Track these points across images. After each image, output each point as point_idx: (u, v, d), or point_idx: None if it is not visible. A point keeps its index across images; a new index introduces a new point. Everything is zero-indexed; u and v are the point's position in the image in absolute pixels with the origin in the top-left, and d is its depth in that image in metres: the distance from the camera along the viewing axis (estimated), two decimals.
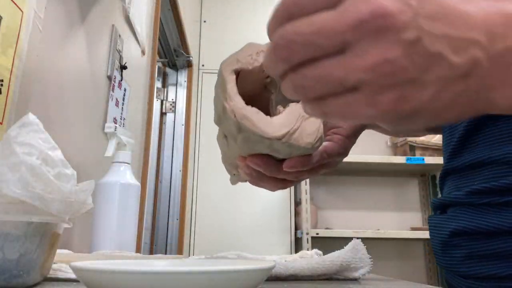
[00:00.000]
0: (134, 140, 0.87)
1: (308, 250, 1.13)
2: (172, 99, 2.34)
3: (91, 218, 0.75)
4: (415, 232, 2.26)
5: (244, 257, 0.53)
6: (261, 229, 2.25)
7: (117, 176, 0.77)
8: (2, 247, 0.33)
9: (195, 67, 2.47)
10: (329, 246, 2.38)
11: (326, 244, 2.29)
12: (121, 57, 1.13)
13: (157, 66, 1.74)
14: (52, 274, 0.40)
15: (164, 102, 2.32)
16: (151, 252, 2.03)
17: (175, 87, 2.37)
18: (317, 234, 2.15)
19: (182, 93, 2.36)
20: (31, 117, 0.39)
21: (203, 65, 2.53)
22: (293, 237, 2.25)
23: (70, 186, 0.38)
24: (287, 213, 2.28)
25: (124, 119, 1.17)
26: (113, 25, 1.08)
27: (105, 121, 1.03)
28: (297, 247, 2.27)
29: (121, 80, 1.13)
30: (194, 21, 2.51)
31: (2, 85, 0.60)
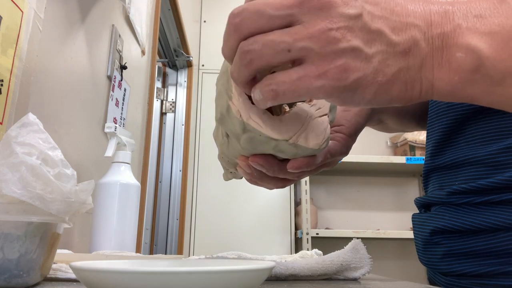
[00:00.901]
0: (134, 140, 0.87)
1: (308, 250, 1.13)
2: (172, 99, 2.34)
3: (91, 218, 0.75)
4: (413, 232, 2.25)
5: (244, 257, 0.53)
6: (261, 229, 2.25)
7: (117, 176, 0.77)
8: (2, 247, 0.33)
9: (195, 67, 2.47)
10: (329, 246, 2.38)
11: (326, 244, 2.30)
12: (121, 57, 1.13)
13: (157, 66, 1.74)
14: (52, 274, 0.40)
15: (164, 102, 2.32)
16: (151, 252, 2.03)
17: (175, 87, 2.37)
18: (317, 234, 2.15)
19: (182, 93, 2.36)
20: (31, 117, 0.39)
21: (203, 65, 2.53)
22: (293, 237, 2.25)
23: (70, 186, 0.38)
24: (287, 213, 2.28)
25: (124, 119, 1.17)
26: (113, 25, 1.08)
27: (105, 121, 1.03)
28: (297, 247, 2.27)
29: (121, 80, 1.13)
30: (194, 21, 2.51)
31: (2, 85, 0.60)
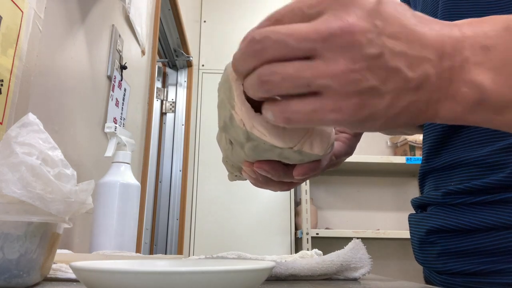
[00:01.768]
0: (134, 140, 0.87)
1: (308, 250, 1.13)
2: (172, 99, 2.34)
3: (91, 218, 0.75)
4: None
5: (244, 257, 0.53)
6: (261, 229, 2.25)
7: (117, 176, 0.77)
8: (2, 247, 0.33)
9: (195, 67, 2.47)
10: (329, 246, 2.38)
11: (326, 244, 2.29)
12: (121, 57, 1.13)
13: (157, 66, 1.74)
14: (52, 274, 0.40)
15: (164, 102, 2.32)
16: (151, 252, 2.03)
17: (175, 87, 2.37)
18: (317, 234, 2.15)
19: (182, 93, 2.36)
20: (31, 117, 0.39)
21: (203, 65, 2.53)
22: (293, 237, 2.25)
23: (70, 186, 0.38)
24: (287, 213, 2.28)
25: (124, 119, 1.17)
26: (113, 25, 1.08)
27: (105, 121, 1.03)
28: (297, 247, 2.27)
29: (121, 80, 1.13)
30: (194, 21, 2.51)
31: (2, 85, 0.60)
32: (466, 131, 0.49)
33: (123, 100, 1.16)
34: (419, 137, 2.34)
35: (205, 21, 2.64)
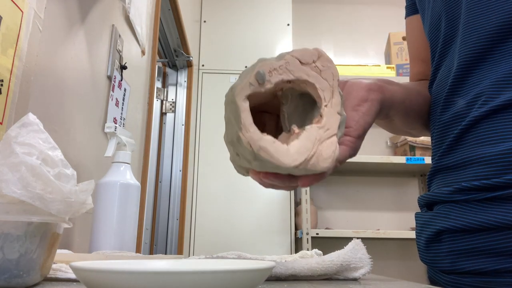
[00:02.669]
0: (134, 140, 0.87)
1: (308, 250, 1.13)
2: (172, 99, 2.34)
3: (91, 218, 0.75)
4: (415, 232, 2.25)
5: (244, 257, 0.53)
6: (261, 229, 2.25)
7: (117, 176, 0.77)
8: (2, 247, 0.33)
9: (195, 67, 2.47)
10: (329, 246, 2.38)
11: (326, 244, 2.30)
12: (121, 57, 1.13)
13: (157, 66, 1.74)
14: (52, 274, 0.40)
15: (164, 102, 2.32)
16: (151, 252, 2.03)
17: (175, 87, 2.37)
18: (317, 234, 2.15)
19: (182, 93, 2.36)
20: (31, 117, 0.39)
21: (203, 65, 2.53)
22: (293, 237, 2.25)
23: (70, 186, 0.38)
24: (287, 213, 2.28)
25: (124, 119, 1.17)
26: (113, 25, 1.08)
27: (105, 121, 1.03)
28: (297, 247, 2.27)
29: (121, 80, 1.13)
30: (194, 21, 2.51)
31: (2, 85, 0.60)
32: (482, 128, 0.49)
33: (123, 100, 1.16)
34: (419, 137, 2.34)
35: (205, 21, 2.64)
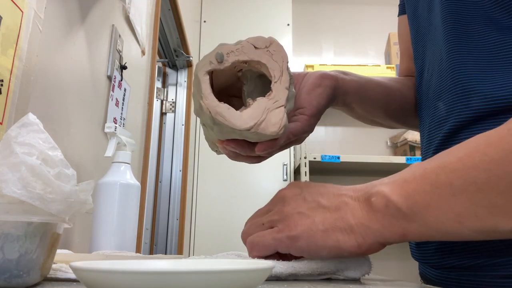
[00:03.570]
0: (134, 140, 0.87)
1: None
2: (172, 99, 2.34)
3: (91, 218, 0.75)
4: None
5: (244, 257, 0.53)
6: None
7: (117, 176, 0.76)
8: (2, 247, 0.33)
9: (195, 67, 2.47)
10: None
11: None
12: (121, 57, 1.13)
13: (157, 66, 1.74)
14: (52, 274, 0.40)
15: (164, 102, 2.32)
16: (151, 252, 2.03)
17: (175, 87, 2.37)
18: None
19: (182, 93, 2.36)
20: (31, 117, 0.39)
21: None
22: None
23: (70, 186, 0.38)
24: None
25: (124, 119, 1.17)
26: (113, 25, 1.08)
27: (105, 121, 1.03)
28: None
29: (121, 80, 1.13)
30: (194, 21, 2.51)
31: (2, 85, 0.60)
32: (474, 132, 0.49)
33: (123, 100, 1.16)
34: (419, 137, 2.34)
35: (205, 21, 2.64)
